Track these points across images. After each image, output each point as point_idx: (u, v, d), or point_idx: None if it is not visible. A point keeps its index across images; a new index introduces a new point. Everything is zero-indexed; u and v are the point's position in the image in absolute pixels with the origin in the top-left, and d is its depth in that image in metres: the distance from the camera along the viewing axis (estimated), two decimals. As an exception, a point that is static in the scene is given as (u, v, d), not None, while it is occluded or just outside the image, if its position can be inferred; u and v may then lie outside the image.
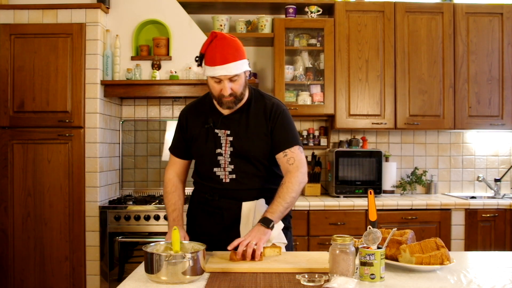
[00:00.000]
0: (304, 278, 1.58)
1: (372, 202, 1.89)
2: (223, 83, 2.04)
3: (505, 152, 4.36)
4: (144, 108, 4.23)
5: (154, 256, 1.61)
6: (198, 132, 2.20)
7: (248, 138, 2.14)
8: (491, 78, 3.97)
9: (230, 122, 2.17)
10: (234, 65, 2.01)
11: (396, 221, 3.59)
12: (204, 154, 2.19)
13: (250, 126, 2.15)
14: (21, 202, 3.58)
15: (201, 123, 2.20)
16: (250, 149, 2.14)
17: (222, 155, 2.15)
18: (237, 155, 2.14)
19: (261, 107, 2.18)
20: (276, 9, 4.15)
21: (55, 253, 3.57)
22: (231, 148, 2.15)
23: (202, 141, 2.18)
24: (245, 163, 2.15)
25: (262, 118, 2.17)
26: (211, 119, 2.18)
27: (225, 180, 2.16)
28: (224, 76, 2.02)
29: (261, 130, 2.16)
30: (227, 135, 2.16)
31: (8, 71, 3.59)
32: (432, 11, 3.96)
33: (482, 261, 2.02)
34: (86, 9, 3.62)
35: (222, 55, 2.00)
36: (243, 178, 2.16)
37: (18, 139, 3.59)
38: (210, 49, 2.02)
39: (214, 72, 2.02)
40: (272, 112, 2.16)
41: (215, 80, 2.05)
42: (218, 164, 2.16)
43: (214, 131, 2.17)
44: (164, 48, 3.82)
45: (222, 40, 2.02)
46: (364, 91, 3.92)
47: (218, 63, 2.00)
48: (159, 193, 4.15)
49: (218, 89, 2.07)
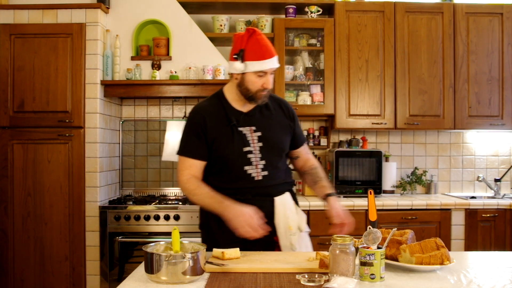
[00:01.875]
0: (304, 278, 1.58)
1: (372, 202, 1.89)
2: (266, 77, 2.10)
3: (505, 152, 4.36)
4: (144, 108, 4.23)
5: (154, 256, 1.61)
6: (220, 133, 2.13)
7: (276, 131, 2.21)
8: (491, 78, 3.97)
9: (252, 118, 2.18)
10: (277, 58, 2.13)
11: (396, 221, 3.59)
12: (231, 154, 2.13)
13: (274, 120, 2.22)
14: (21, 202, 3.58)
15: (222, 123, 2.15)
16: (279, 142, 2.21)
17: (252, 152, 2.14)
18: (268, 150, 2.16)
19: (275, 103, 2.27)
20: (276, 9, 4.15)
21: (55, 253, 3.57)
22: (260, 143, 2.15)
23: (228, 141, 2.13)
24: (276, 157, 2.19)
25: (281, 113, 2.26)
26: (233, 117, 2.16)
27: (257, 178, 2.14)
28: (272, 69, 2.10)
29: (284, 124, 2.25)
30: (253, 131, 2.16)
31: (8, 71, 3.59)
32: (432, 11, 3.96)
33: (482, 261, 2.02)
34: (86, 9, 3.62)
35: (268, 49, 2.08)
36: (274, 173, 2.18)
37: (18, 139, 3.59)
38: (252, 44, 2.06)
39: (262, 66, 2.06)
40: (290, 110, 2.30)
41: (258, 75, 2.08)
42: (249, 162, 2.13)
43: (237, 130, 2.14)
44: (164, 48, 3.82)
45: (261, 35, 2.10)
46: (364, 91, 3.92)
47: (266, 57, 2.06)
48: (159, 193, 4.15)
49: (260, 83, 2.10)
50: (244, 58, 2.06)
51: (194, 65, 3.79)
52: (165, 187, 4.18)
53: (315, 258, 1.90)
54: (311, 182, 2.31)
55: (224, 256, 1.89)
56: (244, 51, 2.06)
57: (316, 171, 2.31)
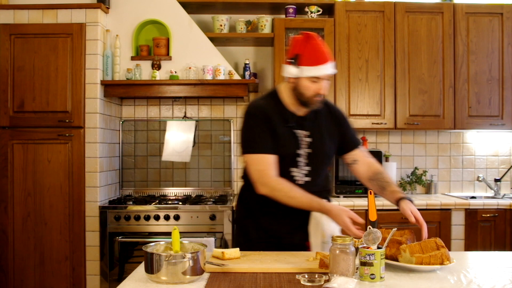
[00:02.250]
0: (304, 278, 1.58)
1: (372, 202, 1.89)
2: (321, 83, 2.07)
3: (505, 152, 4.36)
4: (144, 108, 4.23)
5: (154, 256, 1.61)
6: (280, 130, 2.14)
7: (325, 139, 2.19)
8: (491, 78, 3.97)
9: (306, 123, 2.18)
10: (333, 64, 2.10)
11: (396, 221, 3.58)
12: (285, 154, 2.14)
13: (324, 128, 2.21)
14: (21, 202, 3.58)
15: (281, 121, 2.15)
16: (326, 151, 2.20)
17: (300, 156, 2.15)
18: (314, 156, 2.16)
19: (325, 108, 2.25)
20: (276, 9, 4.15)
21: (55, 253, 3.57)
22: (309, 149, 2.16)
23: (286, 141, 2.14)
24: (320, 165, 2.19)
25: (330, 119, 2.24)
26: (290, 118, 2.16)
27: (300, 182, 2.15)
28: (326, 75, 2.07)
29: (333, 131, 2.24)
30: (305, 136, 2.16)
31: (8, 71, 3.59)
32: (432, 11, 3.96)
33: (482, 261, 2.02)
34: (86, 9, 3.62)
35: (324, 54, 2.05)
36: (316, 180, 2.18)
37: (18, 139, 3.59)
38: (309, 49, 2.04)
39: (319, 72, 2.04)
40: (339, 114, 2.29)
41: (312, 80, 2.06)
42: (297, 165, 2.15)
43: (293, 131, 2.16)
44: (164, 48, 3.82)
45: (318, 39, 2.08)
46: (364, 91, 3.92)
47: (322, 62, 2.04)
48: (159, 193, 4.15)
49: (314, 88, 2.08)
50: (299, 63, 2.05)
51: (194, 65, 3.79)
52: (165, 187, 4.19)
53: (315, 258, 1.90)
54: (378, 189, 2.21)
55: (224, 256, 1.89)
56: (300, 56, 2.05)
57: (382, 176, 2.22)
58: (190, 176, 4.19)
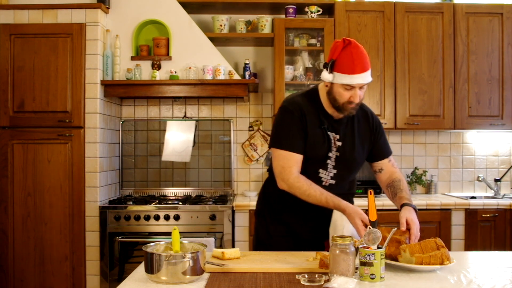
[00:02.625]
0: (304, 278, 1.58)
1: (372, 202, 1.89)
2: (355, 91, 2.05)
3: (505, 152, 4.36)
4: (144, 108, 4.23)
5: (154, 256, 1.61)
6: (314, 131, 2.14)
7: (355, 145, 2.19)
8: (491, 78, 3.97)
9: (339, 126, 2.18)
10: (369, 73, 2.06)
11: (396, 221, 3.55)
12: (316, 155, 2.15)
13: (356, 133, 2.20)
14: (21, 202, 3.58)
15: (316, 122, 2.15)
16: (355, 156, 2.19)
17: (330, 158, 2.16)
18: (342, 161, 2.16)
19: (362, 113, 2.24)
20: (276, 9, 4.15)
21: (55, 253, 3.57)
22: (337, 152, 2.16)
23: (319, 142, 2.14)
24: (347, 169, 2.19)
25: (366, 125, 2.24)
26: (325, 120, 2.16)
27: (325, 184, 2.17)
28: (361, 84, 2.04)
29: (366, 138, 2.23)
30: (337, 139, 2.16)
31: (8, 71, 3.59)
32: (432, 11, 3.96)
33: (482, 261, 2.02)
34: (86, 9, 3.62)
35: (361, 64, 2.01)
36: (341, 183, 2.19)
37: (18, 139, 3.59)
38: (345, 56, 2.02)
39: (351, 80, 2.02)
40: (375, 122, 2.28)
41: (346, 87, 2.04)
42: (326, 167, 2.16)
43: (327, 133, 2.16)
44: (164, 48, 3.82)
45: (358, 48, 2.03)
46: (364, 91, 3.92)
47: (357, 71, 2.01)
48: (159, 193, 4.15)
49: (347, 96, 2.06)
50: (334, 69, 2.04)
51: (194, 65, 3.79)
52: (165, 187, 4.19)
53: (315, 258, 1.90)
54: (391, 195, 2.22)
55: (224, 256, 1.90)
56: (335, 61, 2.04)
57: (398, 183, 2.21)
58: (190, 176, 4.19)
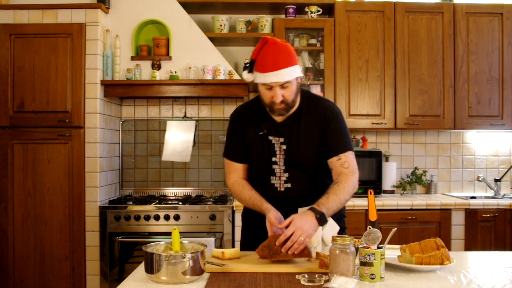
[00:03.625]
0: (304, 278, 1.58)
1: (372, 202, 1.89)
2: (274, 90, 1.99)
3: (505, 152, 4.36)
4: (144, 108, 4.23)
5: (154, 256, 1.61)
6: (253, 139, 2.15)
7: (301, 146, 2.12)
8: (491, 78, 3.97)
9: (283, 129, 2.13)
10: (285, 71, 1.97)
11: (396, 221, 3.59)
12: (259, 162, 2.15)
13: (303, 134, 2.12)
14: (21, 202, 3.58)
15: (255, 130, 2.15)
16: (304, 157, 2.12)
17: (277, 163, 2.13)
18: (291, 163, 2.12)
19: (315, 111, 2.14)
20: (276, 9, 4.15)
21: (55, 253, 3.57)
22: (284, 156, 2.12)
23: (258, 149, 2.14)
24: (299, 171, 2.14)
25: (315, 123, 2.13)
26: (264, 126, 2.13)
27: (280, 189, 2.14)
28: (276, 83, 1.97)
29: (314, 137, 2.12)
30: (281, 143, 2.13)
31: (8, 71, 3.59)
32: (432, 11, 3.96)
33: (482, 261, 2.02)
34: (86, 9, 3.62)
35: (273, 61, 1.96)
36: (297, 186, 2.14)
37: (18, 139, 3.59)
38: (261, 55, 1.99)
39: (265, 79, 1.98)
40: (326, 116, 2.12)
41: (266, 87, 2.01)
42: (274, 173, 2.14)
43: (268, 138, 2.13)
44: (164, 48, 3.82)
45: (273, 45, 1.98)
46: (364, 91, 3.92)
47: (269, 70, 1.96)
48: (159, 193, 4.15)
49: (269, 96, 2.02)
50: (254, 69, 2.02)
51: (194, 65, 3.79)
52: (165, 187, 4.19)
53: (315, 258, 1.90)
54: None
55: (224, 256, 1.89)
56: (255, 61, 2.02)
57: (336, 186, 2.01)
58: (190, 176, 4.19)
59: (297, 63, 2.03)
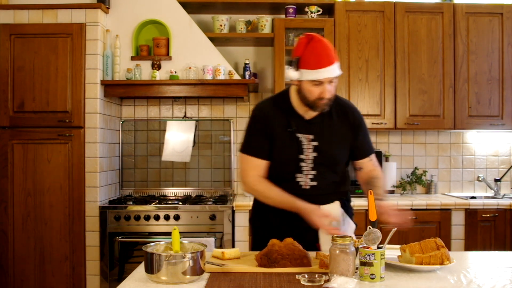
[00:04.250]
0: (304, 278, 1.58)
1: (372, 202, 1.89)
2: (324, 86, 2.01)
3: (505, 152, 4.36)
4: (144, 108, 4.23)
5: (154, 256, 1.61)
6: (279, 135, 2.13)
7: (334, 143, 2.14)
8: (491, 78, 3.97)
9: (312, 126, 2.13)
10: (336, 66, 2.03)
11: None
12: (285, 159, 2.13)
13: (335, 131, 2.15)
14: (21, 202, 3.58)
15: (284, 126, 2.13)
16: (335, 155, 2.14)
17: (304, 161, 2.12)
18: (321, 161, 2.12)
19: (341, 110, 2.19)
20: (276, 9, 4.15)
21: (55, 253, 3.57)
22: (314, 153, 2.12)
23: (284, 146, 2.12)
24: (328, 169, 2.15)
25: (345, 122, 2.18)
26: (294, 122, 2.13)
27: (305, 187, 2.14)
28: (328, 78, 2.00)
29: (346, 135, 2.17)
30: (310, 140, 2.12)
31: (8, 71, 3.59)
32: (432, 11, 3.96)
33: (482, 261, 2.02)
34: (86, 9, 3.62)
35: (326, 57, 1.99)
36: (324, 184, 2.14)
37: (18, 139, 3.59)
38: (309, 51, 2.00)
39: (318, 75, 1.99)
40: (356, 118, 2.21)
41: (315, 83, 2.01)
42: (301, 170, 2.13)
43: (295, 135, 2.12)
44: (164, 48, 3.82)
45: (321, 42, 2.01)
46: (364, 91, 3.92)
47: (323, 65, 1.98)
48: (159, 193, 4.15)
49: (317, 92, 2.02)
50: (300, 66, 2.02)
51: (194, 65, 3.79)
52: (165, 187, 4.19)
53: (315, 258, 1.90)
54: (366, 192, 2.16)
55: (224, 256, 1.89)
56: (300, 58, 2.02)
57: (374, 180, 2.18)
58: (190, 176, 4.19)
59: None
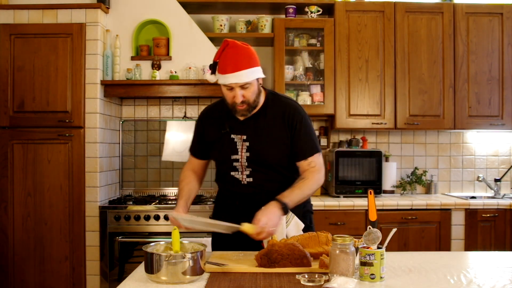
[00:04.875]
0: (304, 278, 1.58)
1: (372, 202, 1.89)
2: (235, 91, 2.07)
3: (505, 152, 4.36)
4: (144, 108, 4.23)
5: (154, 256, 1.61)
6: (215, 137, 2.23)
7: (265, 143, 2.17)
8: (491, 78, 3.97)
9: (246, 127, 2.18)
10: (244, 72, 2.05)
11: (396, 221, 3.59)
12: (221, 159, 2.24)
13: (267, 131, 2.18)
14: (21, 202, 3.58)
15: (218, 128, 2.23)
16: (266, 153, 2.17)
17: (238, 160, 2.17)
18: (254, 161, 2.16)
19: (279, 111, 2.21)
20: (276, 9, 4.15)
21: (55, 253, 3.57)
22: (247, 153, 2.17)
23: (219, 147, 2.22)
24: (262, 168, 2.18)
25: (280, 123, 2.19)
26: (227, 124, 2.20)
27: (243, 182, 2.19)
28: (235, 83, 2.05)
29: (280, 136, 2.18)
30: (243, 140, 2.18)
31: (8, 71, 3.59)
32: (432, 11, 3.96)
33: (482, 261, 2.03)
34: (86, 9, 3.62)
35: (233, 63, 2.03)
36: (260, 181, 2.18)
37: (18, 139, 3.59)
38: (223, 57, 2.06)
39: (225, 80, 2.06)
40: (292, 119, 2.19)
41: (227, 88, 2.09)
42: (236, 169, 2.19)
43: (230, 136, 2.19)
44: (164, 48, 3.82)
45: (234, 48, 2.06)
46: (364, 91, 3.92)
47: (229, 71, 2.04)
48: (159, 193, 4.15)
49: (231, 96, 2.10)
50: (217, 70, 2.10)
51: (194, 65, 3.79)
52: (165, 187, 4.18)
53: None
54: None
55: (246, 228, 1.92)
56: (217, 63, 2.09)
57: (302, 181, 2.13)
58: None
59: (258, 64, 2.10)
